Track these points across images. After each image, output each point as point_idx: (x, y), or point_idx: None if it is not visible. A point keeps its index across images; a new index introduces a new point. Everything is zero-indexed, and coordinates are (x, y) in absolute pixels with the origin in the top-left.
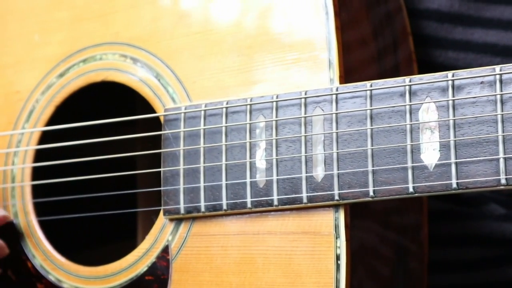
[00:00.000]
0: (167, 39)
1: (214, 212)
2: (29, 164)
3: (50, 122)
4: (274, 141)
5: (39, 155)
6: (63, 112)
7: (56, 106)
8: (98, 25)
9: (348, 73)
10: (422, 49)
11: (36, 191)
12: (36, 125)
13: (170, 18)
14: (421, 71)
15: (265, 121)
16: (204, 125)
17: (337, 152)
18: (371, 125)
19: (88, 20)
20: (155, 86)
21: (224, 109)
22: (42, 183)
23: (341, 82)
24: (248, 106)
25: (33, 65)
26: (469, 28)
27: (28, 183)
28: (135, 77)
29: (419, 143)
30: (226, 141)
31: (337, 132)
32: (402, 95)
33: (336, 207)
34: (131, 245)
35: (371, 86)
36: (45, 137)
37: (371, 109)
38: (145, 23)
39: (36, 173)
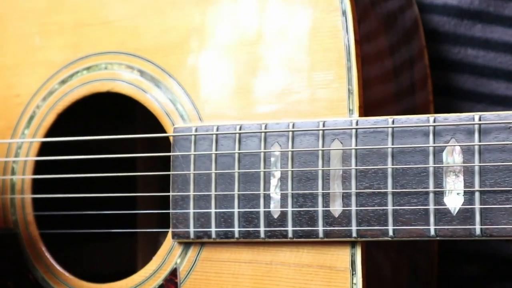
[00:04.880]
0: (176, 54)
1: (226, 239)
2: (29, 176)
3: (52, 129)
4: (289, 172)
5: (40, 163)
6: (64, 119)
7: (58, 114)
8: (103, 32)
9: (367, 102)
10: (439, 45)
11: (37, 200)
12: (37, 132)
13: (181, 32)
14: (437, 68)
15: (281, 151)
16: (216, 148)
17: (355, 191)
18: (392, 163)
19: (91, 26)
20: (164, 102)
21: (237, 135)
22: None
23: (360, 113)
24: (263, 134)
25: (34, 69)
26: (489, 26)
27: (29, 196)
28: (142, 90)
29: (443, 190)
30: (239, 167)
31: (356, 168)
32: (426, 134)
33: (353, 242)
34: (130, 244)
35: (393, 122)
36: (46, 144)
37: (392, 147)
38: (153, 34)
39: (37, 182)
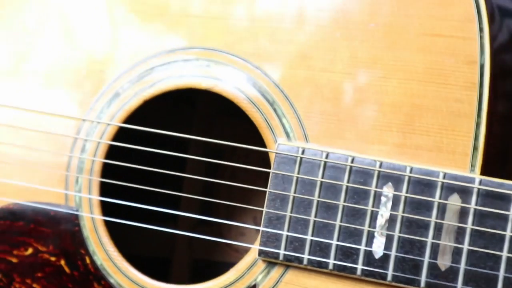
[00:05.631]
0: (287, 68)
1: (318, 268)
2: (100, 159)
3: (134, 114)
4: (400, 216)
5: (114, 147)
6: (148, 107)
7: (145, 100)
8: (213, 27)
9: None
10: None
11: (103, 183)
12: (118, 114)
13: (300, 46)
14: None
15: (395, 193)
16: (323, 176)
17: (468, 248)
18: None
19: (200, 18)
20: (268, 113)
21: (348, 166)
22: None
23: (481, 171)
24: (376, 172)
25: (123, 49)
26: None
27: (98, 179)
28: (245, 96)
29: None
30: (345, 199)
31: (472, 228)
32: None
33: None
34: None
35: None
36: (124, 129)
37: None
38: (269, 41)
39: (107, 165)
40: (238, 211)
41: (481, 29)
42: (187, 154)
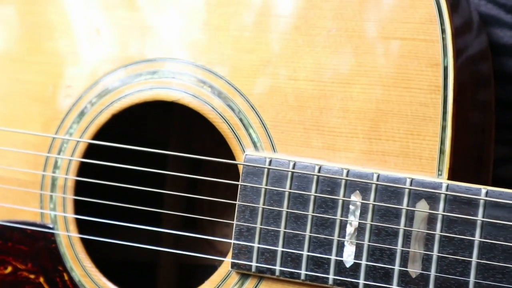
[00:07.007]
0: (252, 77)
1: (290, 279)
2: (73, 177)
3: (103, 129)
4: (368, 224)
5: (85, 164)
6: (118, 121)
7: (113, 114)
8: (177, 37)
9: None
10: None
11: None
12: (88, 129)
13: (260, 54)
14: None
15: (362, 202)
16: (291, 186)
17: (438, 255)
18: (481, 236)
19: (163, 29)
20: (235, 124)
21: (315, 176)
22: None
23: (449, 175)
24: (344, 180)
25: (90, 62)
26: None
27: (71, 197)
28: (211, 107)
29: None
30: (314, 209)
31: (441, 234)
32: None
33: None
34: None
35: (486, 194)
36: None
37: (482, 220)
38: (232, 51)
39: (80, 182)
40: (221, 223)
41: (443, 31)
42: (167, 164)
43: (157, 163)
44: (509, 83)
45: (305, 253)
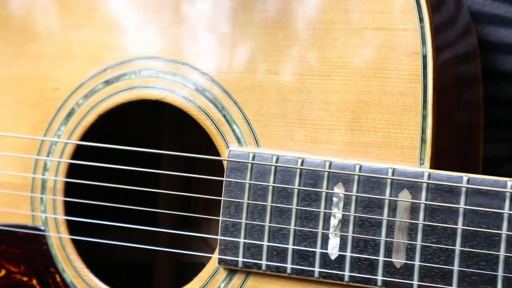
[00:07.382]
0: (233, 72)
1: (276, 273)
2: (62, 179)
3: (91, 130)
4: (352, 216)
5: (76, 165)
6: (105, 121)
7: (100, 115)
8: (157, 37)
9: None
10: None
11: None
12: (75, 130)
13: (240, 49)
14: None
15: (345, 194)
16: (275, 180)
17: (422, 244)
18: (463, 223)
19: (144, 28)
20: (218, 120)
21: (298, 170)
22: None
23: (431, 164)
24: (326, 172)
25: (76, 64)
26: None
27: (61, 198)
28: (194, 104)
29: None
30: (297, 202)
31: (424, 224)
32: (503, 198)
33: None
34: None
35: (468, 181)
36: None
37: (464, 208)
38: (209, 47)
39: (71, 184)
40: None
41: (421, 19)
42: (160, 162)
43: (151, 162)
44: None
45: (290, 246)
